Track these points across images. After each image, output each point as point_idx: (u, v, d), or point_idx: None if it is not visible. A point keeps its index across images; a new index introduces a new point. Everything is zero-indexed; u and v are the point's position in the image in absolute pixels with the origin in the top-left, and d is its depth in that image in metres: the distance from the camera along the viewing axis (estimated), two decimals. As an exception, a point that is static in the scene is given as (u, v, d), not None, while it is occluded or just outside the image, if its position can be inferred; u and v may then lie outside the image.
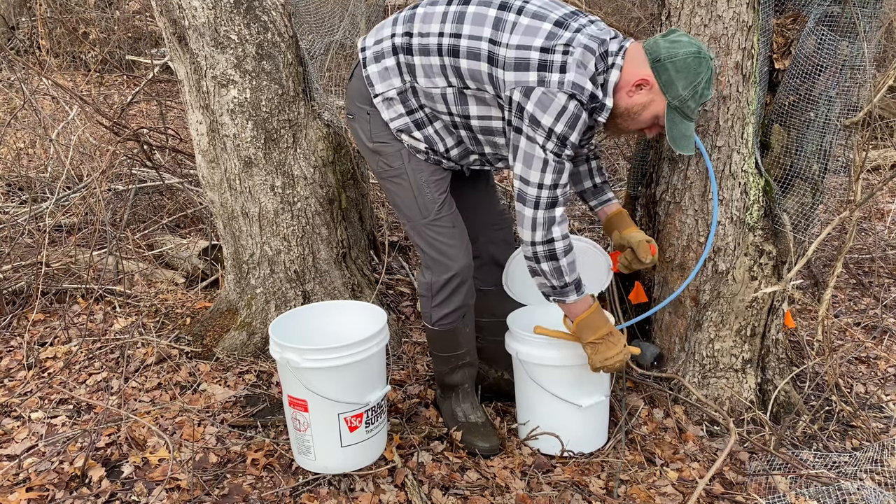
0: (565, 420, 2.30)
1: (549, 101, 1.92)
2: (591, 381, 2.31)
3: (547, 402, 2.31)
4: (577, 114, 1.95)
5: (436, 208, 2.21)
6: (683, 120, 1.99)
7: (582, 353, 2.18)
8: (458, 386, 2.41)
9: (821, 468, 2.27)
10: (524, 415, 2.41)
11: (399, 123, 2.17)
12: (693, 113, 1.99)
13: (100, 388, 2.60)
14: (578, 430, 2.33)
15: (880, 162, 5.33)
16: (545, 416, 2.34)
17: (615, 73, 1.98)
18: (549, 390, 2.29)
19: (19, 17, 7.63)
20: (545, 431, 2.33)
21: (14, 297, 3.15)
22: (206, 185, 2.85)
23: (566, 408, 2.28)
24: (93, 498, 2.03)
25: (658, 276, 2.62)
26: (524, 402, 2.41)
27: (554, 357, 2.26)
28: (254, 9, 2.61)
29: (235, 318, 2.85)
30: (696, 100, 1.96)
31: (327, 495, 2.09)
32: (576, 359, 2.23)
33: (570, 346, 2.22)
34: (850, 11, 2.32)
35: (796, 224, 2.48)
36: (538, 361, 2.28)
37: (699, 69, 1.92)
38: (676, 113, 1.98)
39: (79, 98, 4.38)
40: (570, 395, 2.28)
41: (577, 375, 2.28)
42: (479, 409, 2.42)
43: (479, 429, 2.35)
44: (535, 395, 2.34)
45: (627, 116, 2.03)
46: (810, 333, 3.11)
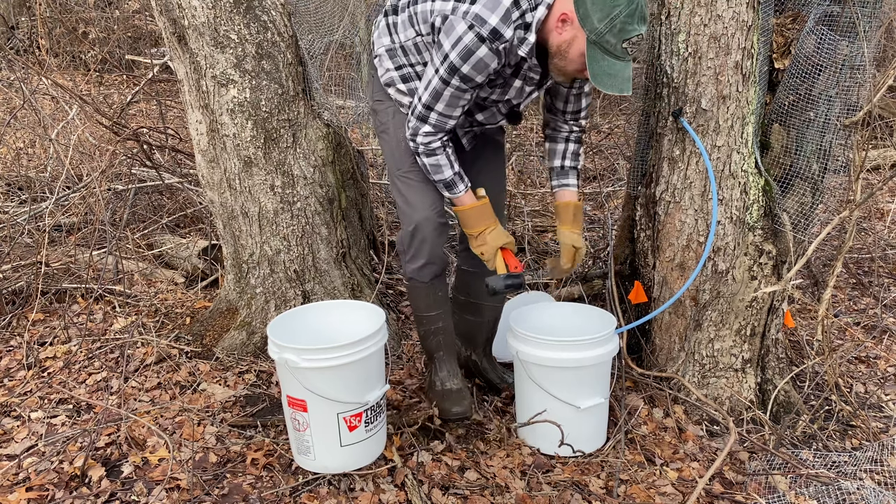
0: (563, 421, 2.30)
1: (450, 29, 2.03)
2: (591, 383, 2.31)
3: (545, 402, 2.31)
4: (472, 47, 2.01)
5: (410, 162, 2.33)
6: (605, 56, 1.94)
7: (582, 356, 2.23)
8: (435, 353, 2.50)
9: (820, 468, 2.27)
10: (523, 414, 2.41)
11: (386, 77, 2.32)
12: (614, 49, 1.93)
13: (99, 388, 2.60)
14: (576, 431, 2.33)
15: (880, 161, 5.33)
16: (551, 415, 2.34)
17: (541, 9, 2.01)
18: (548, 391, 2.29)
19: (19, 17, 7.63)
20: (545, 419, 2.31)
21: (14, 297, 3.15)
22: (206, 185, 2.84)
23: (565, 408, 2.28)
24: (93, 498, 2.03)
25: (658, 275, 2.62)
26: (524, 402, 2.41)
27: (554, 358, 2.26)
28: (253, 8, 2.61)
29: (235, 318, 2.85)
30: (616, 34, 1.90)
31: (327, 495, 2.09)
32: (576, 361, 2.24)
33: (571, 347, 2.24)
34: (849, 11, 2.32)
35: (796, 224, 2.48)
36: (538, 361, 2.28)
37: (617, 1, 1.88)
38: (596, 48, 1.94)
39: (78, 98, 4.38)
40: (569, 396, 2.28)
41: (576, 377, 2.28)
42: (455, 377, 2.47)
43: (452, 395, 2.42)
44: (535, 395, 2.34)
45: (559, 55, 2.04)
46: (810, 333, 3.11)
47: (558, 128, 2.39)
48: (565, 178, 2.40)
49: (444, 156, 2.22)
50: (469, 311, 2.62)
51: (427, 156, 2.22)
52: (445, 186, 2.26)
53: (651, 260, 2.65)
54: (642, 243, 2.69)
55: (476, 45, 2.01)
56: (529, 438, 2.39)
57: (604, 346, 2.30)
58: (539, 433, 2.35)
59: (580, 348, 2.26)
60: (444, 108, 2.14)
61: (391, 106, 2.36)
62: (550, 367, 2.28)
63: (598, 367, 2.32)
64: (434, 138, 2.20)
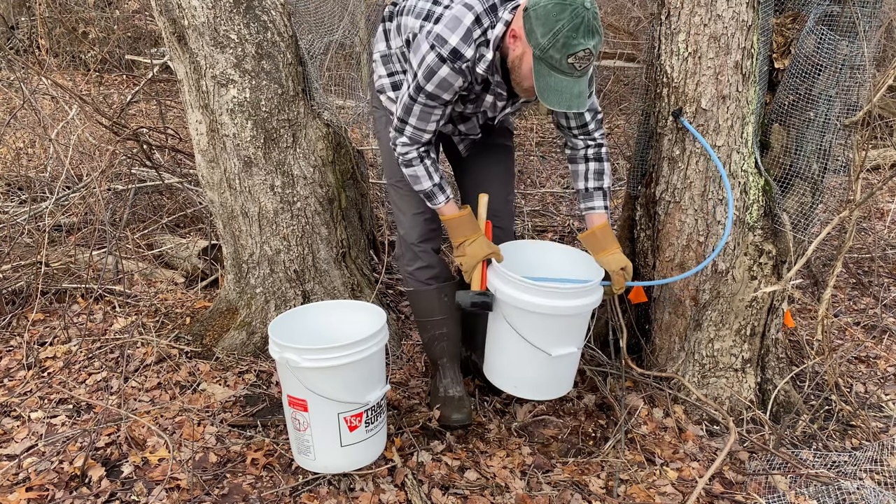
0: (532, 366, 2.22)
1: (417, 48, 2.07)
2: (568, 331, 2.22)
3: (518, 345, 2.21)
4: (434, 67, 2.02)
5: (401, 174, 2.34)
6: (551, 72, 1.91)
7: (565, 305, 2.14)
8: (439, 360, 2.50)
9: (820, 468, 2.27)
10: (491, 353, 2.33)
11: (379, 84, 2.36)
12: (560, 64, 1.89)
13: (99, 388, 2.60)
14: (543, 378, 2.26)
15: (880, 161, 5.34)
16: (513, 359, 2.27)
17: (499, 26, 2.01)
18: (521, 334, 2.19)
19: (19, 17, 7.63)
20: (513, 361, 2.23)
21: (14, 297, 3.15)
22: (206, 185, 2.84)
23: (536, 354, 2.20)
24: (92, 498, 2.03)
25: (658, 275, 2.62)
26: (494, 341, 2.32)
27: (533, 302, 2.14)
28: (253, 8, 2.61)
29: (235, 318, 2.85)
30: (559, 49, 1.86)
31: (327, 495, 2.09)
32: (558, 309, 2.14)
33: (553, 294, 2.14)
34: (849, 11, 2.32)
35: (796, 223, 2.48)
36: (516, 304, 2.16)
37: (560, 16, 1.84)
38: (542, 63, 1.91)
39: (78, 98, 4.38)
40: (543, 342, 2.18)
41: (554, 324, 2.18)
42: (458, 385, 2.47)
43: (454, 402, 2.42)
44: (507, 337, 2.23)
45: (514, 70, 2.04)
46: (810, 333, 3.11)
47: (574, 146, 2.34)
48: (590, 201, 2.34)
49: (421, 167, 2.22)
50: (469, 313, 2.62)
51: (405, 166, 2.24)
52: (425, 197, 2.28)
53: (651, 260, 2.65)
54: (642, 243, 2.69)
55: (437, 65, 2.02)
56: (490, 373, 2.34)
57: (588, 297, 2.19)
58: (499, 371, 2.30)
59: (564, 297, 2.15)
60: (416, 123, 2.16)
61: (384, 115, 2.40)
62: (529, 311, 2.16)
63: (578, 318, 2.23)
64: (410, 149, 2.21)
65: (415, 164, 2.23)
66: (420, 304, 2.47)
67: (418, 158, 2.22)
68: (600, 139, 2.31)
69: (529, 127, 6.08)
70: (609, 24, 6.63)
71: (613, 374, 2.69)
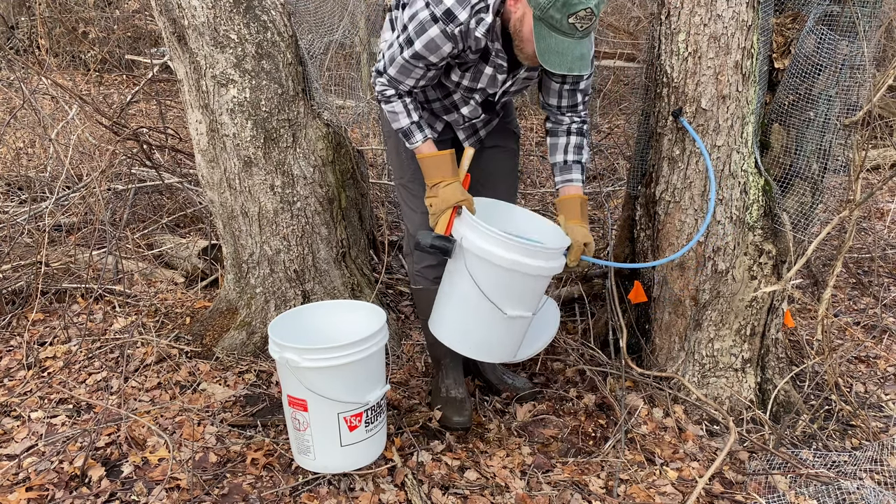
0: (484, 324, 2.17)
1: (412, 3, 2.07)
2: (527, 293, 2.17)
3: (477, 299, 2.13)
4: (425, 25, 2.01)
5: (410, 171, 2.36)
6: (552, 33, 1.87)
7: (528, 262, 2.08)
8: (442, 360, 2.50)
9: (820, 467, 2.27)
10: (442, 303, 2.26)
11: None
12: (560, 24, 1.85)
13: (99, 388, 2.60)
14: (493, 339, 2.21)
15: (880, 161, 5.34)
16: (467, 314, 2.20)
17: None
18: (482, 288, 2.11)
19: (19, 17, 7.63)
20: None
21: (14, 297, 3.15)
22: (206, 185, 2.84)
23: (492, 311, 2.13)
24: (92, 497, 2.03)
25: (658, 275, 2.62)
26: (449, 295, 2.24)
27: (500, 256, 2.06)
28: (253, 8, 2.61)
29: (235, 318, 2.85)
30: (559, 8, 1.83)
31: (327, 495, 2.09)
32: (523, 266, 2.07)
33: (522, 250, 2.07)
34: (849, 11, 2.32)
35: (796, 223, 2.48)
36: (483, 255, 2.08)
37: None
38: (543, 24, 1.87)
39: (78, 97, 4.38)
40: (502, 299, 2.12)
41: (516, 282, 2.12)
42: (460, 386, 2.48)
43: (455, 403, 2.43)
44: (464, 291, 2.16)
45: (515, 34, 2.01)
46: (810, 333, 3.11)
47: (558, 121, 2.33)
48: (568, 174, 2.32)
49: (399, 103, 2.19)
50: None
51: (384, 103, 2.22)
52: (403, 136, 2.23)
53: (651, 260, 2.65)
54: (642, 243, 2.69)
55: (429, 23, 2.00)
56: (437, 329, 2.28)
57: (554, 260, 2.14)
58: (449, 325, 2.24)
59: (534, 256, 2.08)
60: (396, 74, 2.14)
61: None
62: (495, 265, 2.08)
63: (539, 280, 2.18)
64: (388, 88, 2.19)
65: (393, 101, 2.20)
66: (426, 303, 2.46)
67: (397, 96, 2.19)
68: (585, 116, 2.31)
69: (529, 127, 6.08)
70: (609, 24, 6.63)
71: (613, 374, 2.69)
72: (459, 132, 2.41)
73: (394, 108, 2.21)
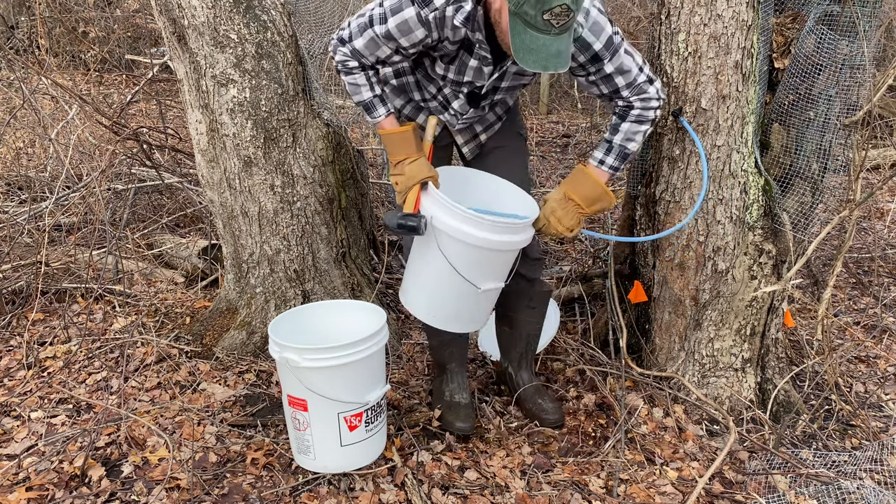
0: (456, 298, 2.16)
1: None
2: (497, 266, 2.16)
3: (446, 276, 2.12)
4: (402, 4, 1.96)
5: None
6: (527, 28, 1.80)
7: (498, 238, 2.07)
8: (447, 364, 2.48)
9: (820, 467, 2.27)
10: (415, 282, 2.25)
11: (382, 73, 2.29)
12: (535, 20, 1.77)
13: (99, 388, 2.60)
14: (464, 311, 2.21)
15: (880, 161, 5.34)
16: (438, 288, 2.19)
17: None
18: (454, 266, 2.10)
19: (18, 17, 7.63)
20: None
21: (14, 297, 3.15)
22: (206, 185, 2.84)
23: (464, 286, 2.13)
24: (92, 497, 2.03)
25: (658, 275, 2.62)
26: (420, 269, 2.23)
27: (470, 234, 2.05)
28: (253, 8, 2.61)
29: (235, 318, 2.85)
30: (533, 4, 1.75)
31: (327, 494, 2.09)
32: (492, 243, 2.07)
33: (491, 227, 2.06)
34: (849, 10, 2.32)
35: (796, 223, 2.48)
36: (453, 234, 2.06)
37: None
38: (518, 19, 1.80)
39: (78, 97, 4.38)
40: (474, 275, 2.11)
41: (485, 257, 2.11)
42: (464, 391, 2.46)
43: (459, 409, 2.41)
44: (435, 266, 2.15)
45: (496, 25, 1.95)
46: (810, 332, 3.11)
47: (612, 107, 2.23)
48: (594, 149, 2.23)
49: (362, 76, 2.13)
50: (504, 322, 2.58)
51: (345, 74, 2.14)
52: (364, 109, 2.18)
53: (651, 259, 2.65)
54: (642, 243, 2.69)
55: (406, 2, 1.95)
56: (409, 303, 2.28)
57: (524, 233, 2.14)
58: (419, 298, 2.24)
59: (500, 231, 2.07)
60: (362, 47, 2.06)
61: None
62: (466, 243, 2.06)
63: (510, 253, 2.18)
64: (350, 59, 2.11)
65: (355, 73, 2.13)
66: None
67: (360, 68, 2.12)
68: (634, 100, 2.12)
69: (529, 126, 6.08)
70: (609, 24, 6.61)
71: (613, 374, 2.69)
72: (458, 136, 2.37)
73: (356, 80, 2.14)
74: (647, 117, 2.14)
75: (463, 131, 2.37)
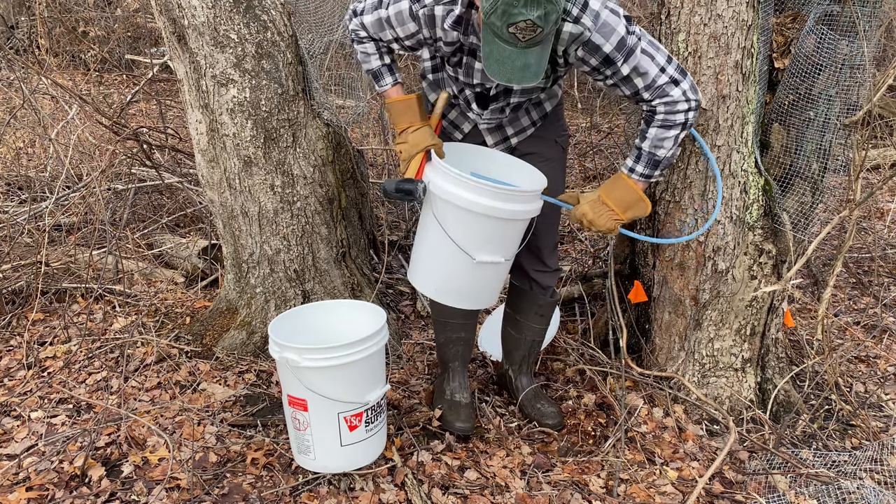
0: (456, 271, 2.11)
1: None
2: (494, 237, 2.09)
3: (444, 247, 2.09)
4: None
5: None
6: (496, 39, 1.79)
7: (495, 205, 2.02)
8: (451, 363, 2.49)
9: (820, 467, 2.27)
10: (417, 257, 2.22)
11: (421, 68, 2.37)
12: (501, 32, 1.76)
13: (99, 388, 2.60)
14: (465, 286, 2.14)
15: (880, 161, 5.34)
16: (438, 261, 2.15)
17: None
18: (448, 233, 2.05)
19: (18, 17, 7.63)
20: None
21: (14, 297, 3.15)
22: (206, 185, 2.84)
23: (460, 258, 2.08)
24: (93, 497, 2.03)
25: (658, 275, 2.62)
26: (421, 243, 2.20)
27: (465, 198, 2.01)
28: (253, 8, 2.61)
29: (235, 318, 2.85)
30: (499, 16, 1.73)
31: (327, 494, 2.09)
32: (489, 209, 2.01)
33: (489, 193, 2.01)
34: (849, 10, 2.32)
35: (796, 223, 2.48)
36: (448, 198, 2.03)
37: None
38: (488, 30, 1.79)
39: (78, 97, 4.38)
40: (470, 244, 2.05)
41: (483, 226, 2.05)
42: (465, 390, 2.47)
43: (460, 408, 2.41)
44: (434, 237, 2.11)
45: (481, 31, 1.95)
46: (810, 332, 3.11)
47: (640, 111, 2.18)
48: (627, 157, 2.19)
49: (372, 45, 2.19)
50: (511, 325, 2.58)
51: (357, 42, 2.21)
52: (373, 77, 2.25)
53: (651, 259, 2.65)
54: (642, 243, 2.69)
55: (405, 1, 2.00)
56: (413, 276, 2.25)
57: (526, 203, 2.08)
58: (422, 274, 2.21)
59: (498, 197, 2.01)
60: (370, 23, 2.13)
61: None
62: (460, 207, 2.02)
63: (510, 224, 2.09)
64: (360, 29, 2.18)
65: (366, 42, 2.20)
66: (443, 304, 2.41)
67: (369, 38, 2.18)
68: (658, 104, 2.05)
69: (529, 126, 6.08)
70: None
71: (613, 374, 2.70)
72: (487, 137, 2.34)
73: (366, 48, 2.20)
74: (675, 121, 2.05)
75: (493, 132, 2.33)
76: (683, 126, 2.07)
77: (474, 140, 2.35)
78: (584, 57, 1.99)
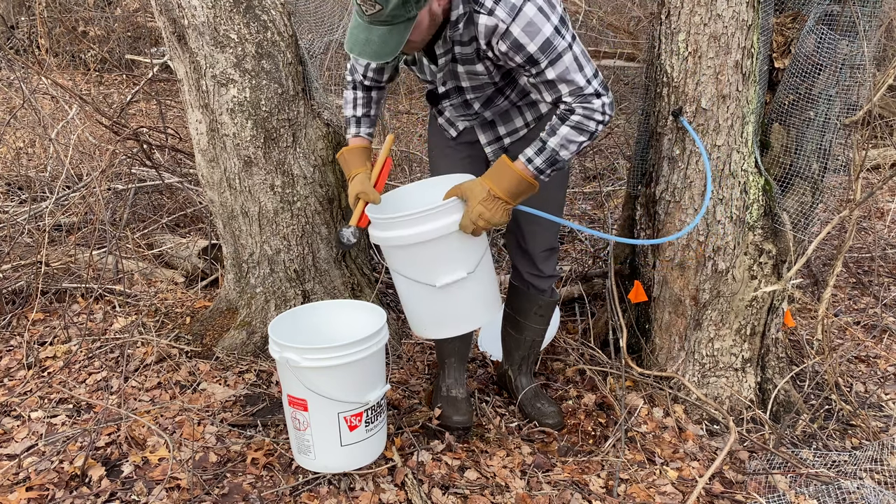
0: (430, 303, 2.12)
1: None
2: (439, 259, 2.06)
3: (407, 286, 2.14)
4: None
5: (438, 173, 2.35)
6: (354, 12, 1.87)
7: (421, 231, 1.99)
8: (446, 359, 2.51)
9: (820, 467, 2.27)
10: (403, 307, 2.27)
11: None
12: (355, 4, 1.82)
13: (99, 388, 2.60)
14: (450, 311, 2.14)
15: (880, 161, 5.34)
16: (412, 300, 2.19)
17: None
18: (400, 272, 2.10)
19: (18, 17, 7.63)
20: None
21: (14, 297, 3.15)
22: (206, 185, 2.84)
23: (425, 291, 2.09)
24: (93, 497, 2.03)
25: (658, 275, 2.62)
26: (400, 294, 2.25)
27: (395, 237, 2.02)
28: (253, 8, 2.60)
29: (235, 318, 2.85)
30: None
31: (327, 494, 2.09)
32: (417, 237, 1.99)
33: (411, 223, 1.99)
34: (849, 10, 2.32)
35: (796, 223, 2.48)
36: (380, 243, 2.09)
37: None
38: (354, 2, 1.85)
39: (78, 97, 4.38)
40: (422, 275, 2.07)
41: (418, 254, 2.05)
42: (461, 386, 2.49)
43: (455, 403, 2.44)
44: (398, 281, 2.16)
45: None
46: (810, 332, 3.11)
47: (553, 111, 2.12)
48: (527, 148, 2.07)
49: (350, 93, 2.34)
50: (511, 325, 2.59)
51: (344, 89, 2.36)
52: (345, 123, 2.39)
53: (651, 259, 2.65)
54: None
55: None
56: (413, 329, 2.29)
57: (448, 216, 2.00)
58: (409, 318, 2.26)
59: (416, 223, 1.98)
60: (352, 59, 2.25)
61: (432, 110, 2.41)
62: (395, 246, 2.05)
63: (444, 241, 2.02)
64: (348, 73, 2.33)
65: (348, 88, 2.35)
66: None
67: (351, 83, 2.33)
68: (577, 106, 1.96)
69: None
70: (609, 24, 6.63)
71: (613, 374, 2.70)
72: (481, 135, 2.33)
73: (346, 95, 2.35)
74: (587, 128, 1.97)
75: (485, 130, 2.31)
76: (591, 136, 2.00)
77: (469, 137, 2.34)
78: (508, 53, 1.93)
